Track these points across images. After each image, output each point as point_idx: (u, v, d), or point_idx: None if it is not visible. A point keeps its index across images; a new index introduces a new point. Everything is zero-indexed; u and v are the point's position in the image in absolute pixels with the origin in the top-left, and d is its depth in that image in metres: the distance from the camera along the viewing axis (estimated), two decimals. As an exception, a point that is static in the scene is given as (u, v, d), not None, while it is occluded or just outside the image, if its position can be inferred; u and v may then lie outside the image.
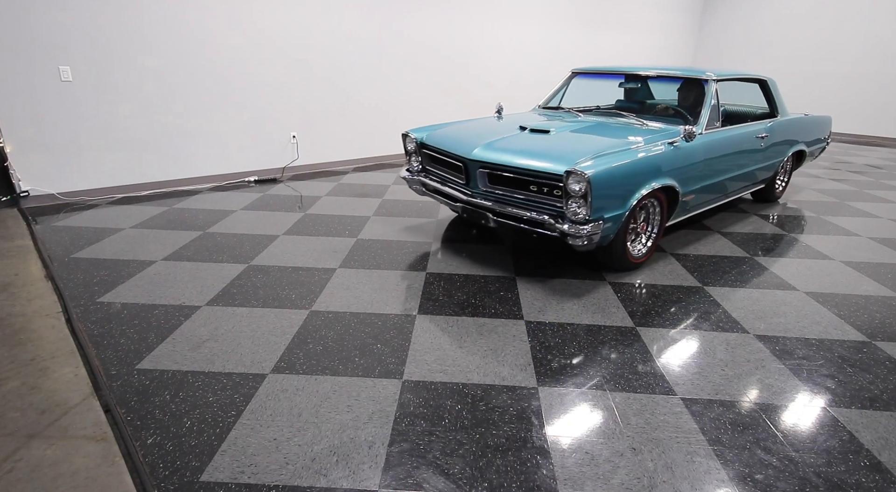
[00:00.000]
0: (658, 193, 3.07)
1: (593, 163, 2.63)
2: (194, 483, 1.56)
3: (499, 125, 3.56)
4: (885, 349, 2.43)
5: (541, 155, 2.82)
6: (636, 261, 3.17)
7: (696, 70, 3.74)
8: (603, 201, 2.63)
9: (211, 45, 4.78)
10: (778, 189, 4.86)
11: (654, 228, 3.27)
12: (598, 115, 3.86)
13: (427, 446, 1.74)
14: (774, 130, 4.14)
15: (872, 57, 8.71)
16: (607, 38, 8.66)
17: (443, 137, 3.44)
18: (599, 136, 3.16)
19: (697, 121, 3.45)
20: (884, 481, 1.66)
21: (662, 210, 3.21)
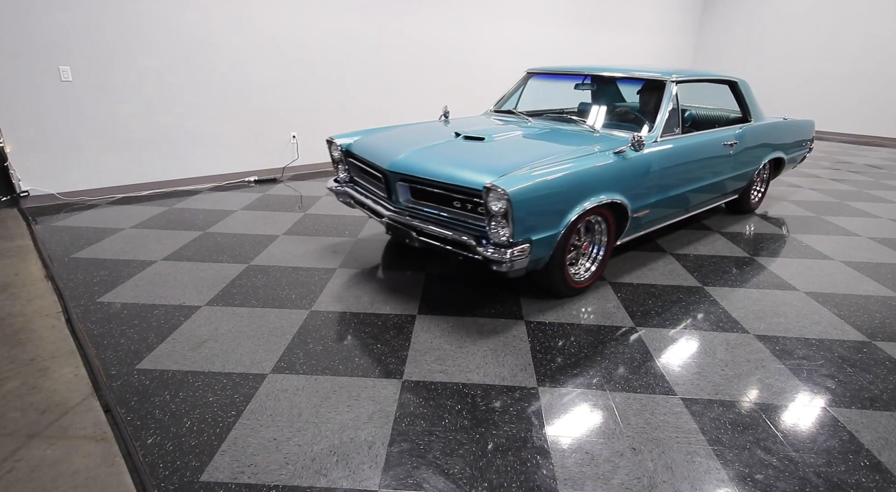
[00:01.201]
0: (603, 210, 2.72)
1: (517, 177, 2.28)
2: (194, 483, 1.56)
3: (436, 131, 3.20)
4: (885, 349, 2.43)
5: (463, 166, 2.48)
6: (578, 286, 2.81)
7: (656, 71, 3.37)
8: (529, 221, 2.29)
9: (211, 45, 4.78)
10: (753, 200, 4.49)
11: (600, 250, 2.92)
12: (549, 119, 3.49)
13: (427, 446, 1.74)
14: (746, 137, 3.77)
15: (872, 57, 8.71)
16: (607, 38, 8.66)
17: (368, 144, 3.08)
18: (538, 145, 2.83)
19: (653, 127, 3.09)
20: (884, 481, 1.66)
21: (609, 228, 2.86)
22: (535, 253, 2.38)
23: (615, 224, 2.88)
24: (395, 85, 6.21)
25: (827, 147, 8.56)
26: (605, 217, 2.80)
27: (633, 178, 2.79)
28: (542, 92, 4.14)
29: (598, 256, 2.92)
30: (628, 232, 3.00)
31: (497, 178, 2.29)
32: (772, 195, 5.24)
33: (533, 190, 2.28)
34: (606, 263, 2.99)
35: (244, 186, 5.13)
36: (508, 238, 2.28)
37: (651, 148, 2.93)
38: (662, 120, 3.10)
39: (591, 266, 2.91)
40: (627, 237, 3.05)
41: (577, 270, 2.86)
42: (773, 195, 5.24)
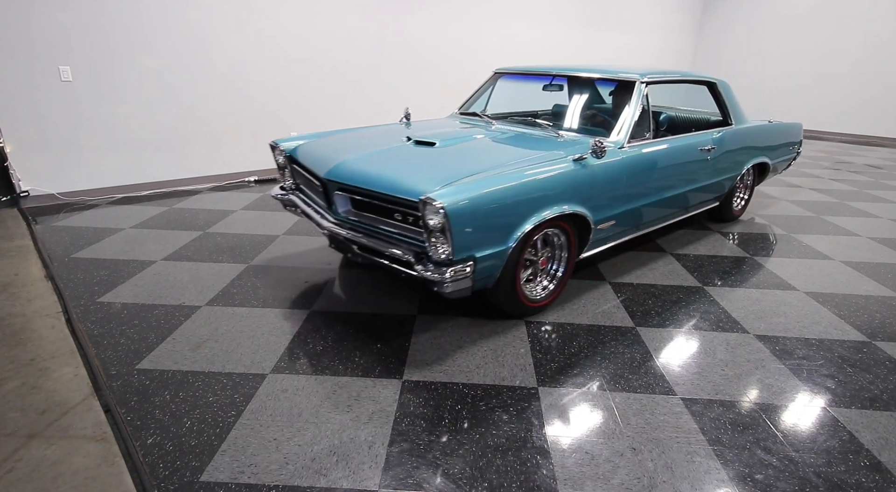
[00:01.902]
0: (562, 222, 2.51)
1: (457, 188, 2.06)
2: (194, 483, 1.56)
3: (387, 135, 2.98)
4: (885, 349, 2.43)
5: (402, 175, 2.27)
6: (534, 304, 2.58)
7: (625, 71, 3.14)
8: (471, 237, 2.07)
9: (211, 45, 4.78)
10: (736, 207, 4.25)
11: (560, 265, 2.70)
12: (514, 123, 3.27)
13: (427, 446, 1.74)
14: (725, 141, 3.53)
15: (872, 57, 8.71)
16: (607, 38, 8.66)
17: (311, 149, 2.84)
18: (494, 151, 2.62)
19: (619, 131, 2.86)
20: (884, 481, 1.66)
21: (570, 242, 2.64)
22: (480, 272, 2.16)
23: (576, 237, 2.65)
24: (395, 84, 6.21)
25: (827, 147, 8.56)
26: (564, 230, 2.57)
27: (594, 187, 2.57)
28: (518, 93, 3.85)
29: (557, 273, 2.69)
30: (593, 245, 2.78)
31: (434, 189, 2.06)
32: (772, 195, 5.24)
33: (474, 203, 2.05)
34: (567, 280, 2.75)
35: (244, 186, 5.13)
36: (448, 256, 2.05)
37: (616, 155, 2.71)
38: (629, 124, 2.86)
39: (548, 284, 2.67)
40: (593, 250, 2.84)
41: (534, 287, 2.63)
42: (773, 195, 5.24)
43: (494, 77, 3.78)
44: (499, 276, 2.31)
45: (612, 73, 3.15)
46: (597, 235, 2.71)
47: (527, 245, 2.37)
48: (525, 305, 2.54)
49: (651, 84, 3.07)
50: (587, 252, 2.79)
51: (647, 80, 3.03)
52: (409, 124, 3.38)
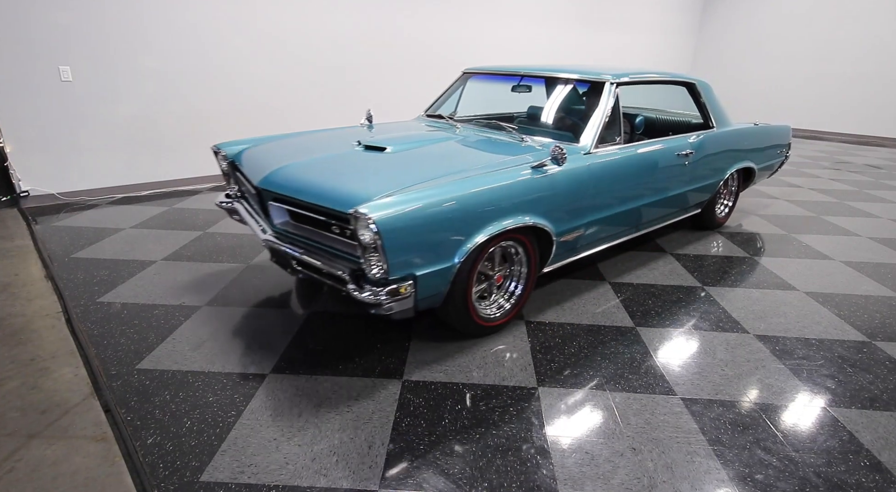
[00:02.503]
0: (519, 235, 2.32)
1: (394, 200, 1.88)
2: (194, 483, 1.56)
3: (339, 139, 2.78)
4: (885, 349, 2.43)
5: (338, 185, 2.08)
6: (489, 324, 2.39)
7: (594, 71, 2.94)
8: (410, 253, 1.91)
9: (211, 45, 4.78)
10: (720, 214, 4.04)
11: (518, 283, 2.50)
12: (479, 126, 3.07)
13: (427, 446, 1.74)
14: (705, 145, 3.33)
15: (872, 57, 8.72)
16: (607, 38, 8.66)
17: (254, 155, 2.65)
18: (448, 157, 2.44)
19: (587, 135, 2.67)
20: (884, 481, 1.66)
21: (530, 256, 2.45)
22: (423, 290, 2.00)
23: (537, 251, 2.47)
24: (395, 84, 6.21)
25: (827, 147, 8.57)
26: (523, 243, 2.39)
27: (555, 196, 2.37)
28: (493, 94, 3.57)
29: (515, 291, 2.49)
30: (558, 258, 2.60)
31: (367, 202, 1.87)
32: (771, 195, 5.24)
33: (412, 216, 1.87)
34: (527, 297, 2.55)
35: (244, 186, 5.13)
36: (384, 275, 1.88)
37: (581, 161, 2.52)
38: (598, 128, 2.67)
39: (505, 303, 2.47)
40: (559, 263, 2.66)
41: (489, 306, 2.44)
42: (773, 195, 5.24)
43: (463, 77, 3.56)
44: (446, 294, 2.13)
45: (581, 74, 2.93)
46: (560, 247, 2.53)
47: (479, 260, 2.18)
48: (479, 325, 2.34)
49: (623, 85, 2.88)
50: (552, 265, 2.62)
51: (619, 81, 2.84)
52: (371, 127, 3.19)
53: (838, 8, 8.96)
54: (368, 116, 3.35)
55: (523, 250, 2.43)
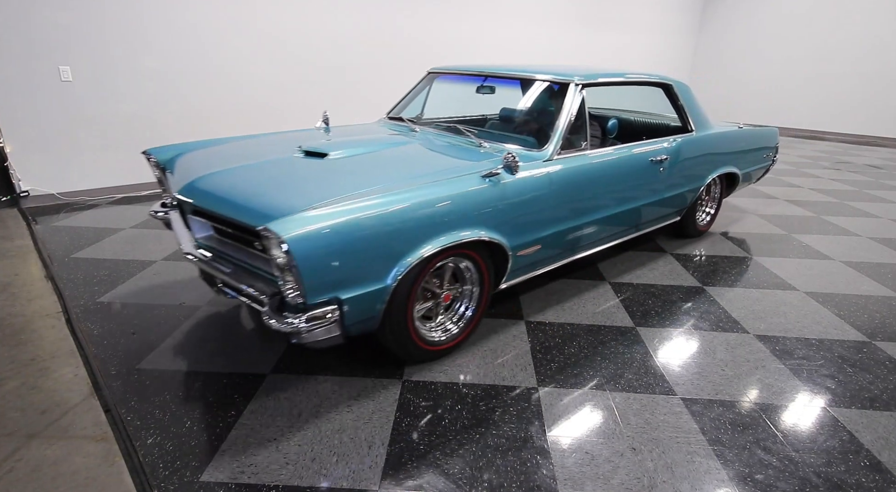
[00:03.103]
0: (469, 251, 2.12)
1: (312, 216, 1.68)
2: (194, 483, 1.56)
3: (285, 143, 2.56)
4: (885, 349, 2.43)
5: (257, 197, 1.89)
6: (434, 348, 2.18)
7: (559, 71, 2.75)
8: (332, 275, 1.70)
9: (211, 45, 4.78)
10: (701, 222, 3.84)
11: (469, 303, 2.30)
12: (439, 129, 2.87)
13: (427, 446, 1.74)
14: (682, 150, 3.14)
15: (872, 57, 8.72)
16: (607, 38, 8.66)
17: (186, 161, 2.43)
18: (393, 164, 2.25)
19: (547, 141, 2.48)
20: (884, 481, 1.66)
21: (483, 273, 2.25)
22: (351, 316, 1.80)
23: (490, 268, 2.27)
24: (395, 84, 6.21)
25: (827, 147, 8.57)
26: (473, 260, 2.19)
27: (509, 207, 2.18)
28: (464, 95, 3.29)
29: (464, 314, 2.29)
30: (515, 273, 2.42)
31: (283, 217, 1.67)
32: (771, 195, 5.24)
33: (333, 233, 1.67)
34: (479, 319, 2.34)
35: (244, 186, 5.13)
36: (301, 299, 1.68)
37: (540, 168, 2.33)
38: (560, 133, 2.48)
39: (452, 327, 2.26)
40: (517, 279, 2.47)
41: (434, 328, 2.23)
42: (773, 195, 5.25)
43: (429, 77, 3.34)
44: (382, 317, 1.93)
45: (544, 75, 2.76)
46: (517, 262, 2.34)
47: (420, 279, 1.99)
48: (422, 349, 2.14)
49: (589, 86, 2.68)
50: (509, 282, 2.43)
51: (584, 83, 2.64)
52: (327, 129, 3.01)
53: (838, 8, 8.96)
54: (325, 119, 3.12)
55: (474, 267, 2.23)
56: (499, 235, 2.16)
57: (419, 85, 3.37)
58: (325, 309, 1.72)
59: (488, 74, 3.01)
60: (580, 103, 2.60)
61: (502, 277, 2.36)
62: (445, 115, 3.47)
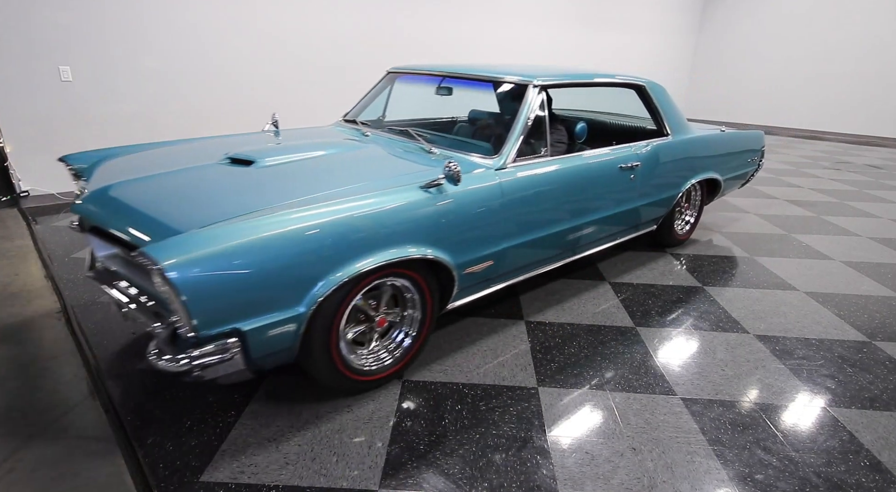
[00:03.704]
0: (406, 270, 1.90)
1: (201, 238, 1.47)
2: (194, 483, 1.56)
3: (213, 149, 2.34)
4: (885, 349, 2.43)
5: (149, 214, 1.69)
6: (365, 378, 1.95)
7: (519, 72, 2.54)
8: (227, 305, 1.48)
9: (211, 45, 4.78)
10: (680, 230, 3.61)
11: (410, 330, 2.07)
12: (391, 133, 2.66)
13: (427, 446, 1.74)
14: (657, 156, 2.94)
15: (872, 57, 8.72)
16: (607, 38, 8.66)
17: (103, 169, 2.20)
18: (326, 173, 2.04)
19: (501, 148, 2.27)
20: (884, 481, 1.66)
21: (425, 294, 2.02)
22: (258, 348, 1.58)
23: (434, 289, 2.05)
24: (395, 85, 6.21)
25: (827, 147, 8.57)
26: (413, 280, 1.97)
27: (453, 222, 1.96)
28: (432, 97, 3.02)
29: (402, 343, 2.06)
30: (465, 293, 2.21)
31: (163, 239, 1.47)
32: (771, 195, 5.24)
33: (226, 257, 1.45)
34: (420, 346, 2.12)
35: (244, 186, 5.13)
36: (192, 333, 1.46)
37: (490, 178, 2.12)
38: (515, 139, 2.28)
39: (386, 356, 2.02)
40: (467, 298, 2.25)
41: (366, 355, 1.99)
42: (773, 195, 5.25)
43: (389, 78, 3.12)
44: (299, 347, 1.71)
45: (501, 75, 2.55)
46: (466, 280, 2.12)
47: (346, 304, 1.77)
48: (351, 379, 1.91)
49: (550, 88, 2.48)
50: (457, 301, 2.21)
51: (544, 84, 2.42)
52: (277, 132, 2.81)
53: (838, 8, 8.96)
54: (274, 122, 2.87)
55: (415, 288, 2.00)
56: (441, 252, 1.94)
57: (378, 86, 3.15)
58: (222, 343, 1.51)
59: (446, 74, 2.78)
60: (540, 106, 2.39)
61: (448, 298, 2.14)
62: (412, 118, 3.28)
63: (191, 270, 1.40)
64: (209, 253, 1.44)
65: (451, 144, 2.43)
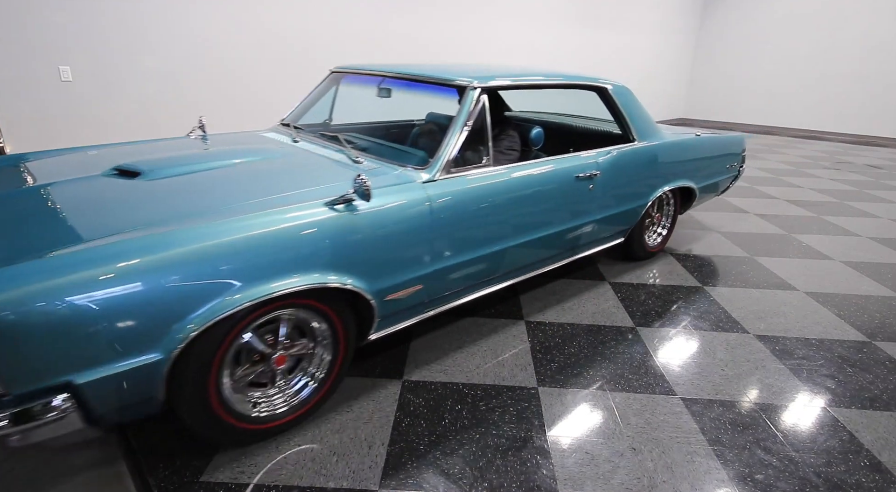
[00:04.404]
0: (309, 300, 1.64)
1: (19, 272, 1.20)
2: (194, 483, 1.56)
3: (110, 158, 2.09)
4: (885, 349, 2.43)
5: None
6: (257, 427, 1.68)
7: (457, 72, 2.29)
8: (53, 355, 1.22)
9: (212, 45, 4.78)
10: (651, 243, 3.38)
11: (317, 372, 1.80)
12: (323, 139, 2.41)
13: (427, 446, 1.74)
14: (620, 164, 2.69)
15: (873, 57, 8.72)
16: (607, 38, 8.66)
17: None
18: (212, 189, 1.76)
19: (431, 158, 2.01)
20: (884, 481, 1.66)
21: (336, 330, 1.76)
22: (102, 404, 1.32)
23: (349, 321, 1.78)
24: (395, 85, 6.22)
25: (827, 147, 8.57)
26: (320, 312, 1.70)
27: (367, 243, 1.71)
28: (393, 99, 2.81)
29: (299, 392, 1.78)
30: (393, 320, 1.96)
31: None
32: (771, 195, 5.24)
33: (48, 296, 1.18)
34: (327, 394, 1.84)
35: (244, 186, 5.13)
36: (2, 390, 1.21)
37: (416, 193, 1.85)
38: (449, 147, 2.02)
39: (281, 405, 1.73)
40: (394, 327, 1.99)
41: (258, 400, 1.70)
42: (773, 195, 5.25)
43: (332, 78, 2.86)
44: (165, 396, 1.44)
45: (438, 76, 2.29)
46: (388, 308, 1.86)
47: (226, 343, 1.50)
48: (237, 430, 1.63)
49: (494, 90, 2.21)
50: (380, 332, 1.94)
51: (485, 86, 2.16)
52: (205, 137, 2.57)
53: (838, 8, 8.97)
54: (200, 125, 2.64)
55: (324, 321, 1.74)
56: (351, 278, 1.68)
57: (320, 87, 2.88)
58: (50, 400, 1.23)
59: (386, 74, 2.55)
60: (482, 110, 2.14)
61: (368, 330, 1.89)
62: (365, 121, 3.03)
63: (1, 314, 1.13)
64: (30, 292, 1.16)
65: (384, 153, 2.16)
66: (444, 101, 2.47)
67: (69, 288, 1.21)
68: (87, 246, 1.32)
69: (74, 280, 1.22)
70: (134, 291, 1.28)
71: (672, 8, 9.78)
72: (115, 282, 1.26)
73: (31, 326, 1.18)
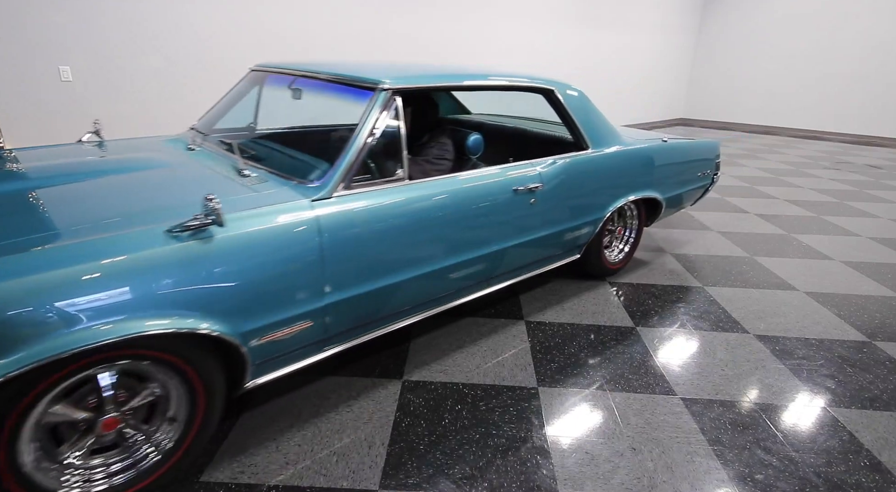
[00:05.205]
0: (151, 351, 1.33)
1: None
2: (194, 483, 1.56)
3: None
4: (885, 349, 2.43)
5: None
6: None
7: (368, 71, 2.00)
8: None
9: (213, 45, 4.78)
10: (613, 259, 3.08)
11: (164, 442, 1.48)
12: (221, 147, 2.11)
13: (427, 446, 1.74)
14: (567, 174, 2.41)
15: (873, 57, 8.72)
16: (607, 38, 8.66)
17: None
18: (55, 208, 1.49)
19: (329, 171, 1.71)
20: (884, 481, 1.66)
21: (195, 388, 1.45)
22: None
23: (213, 371, 1.47)
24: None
25: (827, 147, 8.57)
26: (179, 370, 1.41)
27: (225, 278, 1.40)
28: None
29: (162, 445, 1.48)
30: (275, 364, 1.64)
31: None
32: (771, 195, 5.24)
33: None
34: (184, 455, 1.52)
35: (244, 186, 5.13)
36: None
37: (302, 213, 1.57)
38: (349, 158, 1.72)
39: (102, 479, 1.40)
40: (278, 371, 1.66)
41: (73, 474, 1.36)
42: (773, 195, 5.25)
43: (252, 77, 2.58)
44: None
45: (347, 75, 1.99)
46: (265, 352, 1.56)
47: (16, 412, 1.19)
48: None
49: (410, 93, 1.93)
50: (260, 378, 1.62)
51: (398, 88, 1.87)
52: (102, 144, 2.29)
53: (838, 8, 8.96)
54: (96, 130, 2.38)
55: (179, 379, 1.42)
56: (209, 321, 1.38)
57: (239, 87, 2.58)
58: None
59: (299, 74, 2.25)
60: (395, 115, 1.86)
61: (243, 378, 1.56)
62: (294, 125, 2.78)
63: None
64: None
65: (283, 164, 1.86)
66: (355, 105, 2.03)
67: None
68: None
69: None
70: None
71: (672, 8, 9.77)
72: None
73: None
